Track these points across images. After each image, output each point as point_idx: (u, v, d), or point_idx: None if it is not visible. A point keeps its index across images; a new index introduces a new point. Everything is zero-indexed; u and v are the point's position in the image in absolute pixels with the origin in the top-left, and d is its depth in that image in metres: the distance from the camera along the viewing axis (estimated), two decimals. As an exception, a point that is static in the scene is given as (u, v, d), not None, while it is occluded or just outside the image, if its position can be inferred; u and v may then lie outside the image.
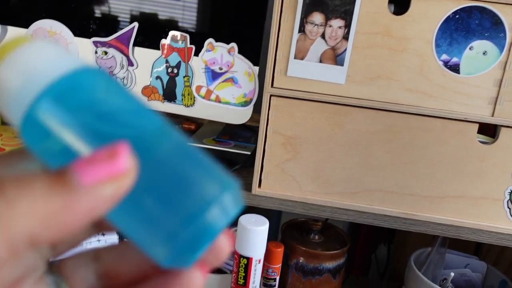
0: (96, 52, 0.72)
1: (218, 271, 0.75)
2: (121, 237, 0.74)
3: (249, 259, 0.63)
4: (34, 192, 0.15)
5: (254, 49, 0.69)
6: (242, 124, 0.73)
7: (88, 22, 0.73)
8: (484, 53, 0.55)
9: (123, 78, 0.73)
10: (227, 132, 0.81)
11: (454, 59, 0.56)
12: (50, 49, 0.19)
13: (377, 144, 0.60)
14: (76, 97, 0.18)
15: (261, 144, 0.61)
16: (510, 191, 0.59)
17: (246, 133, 0.82)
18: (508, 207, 0.60)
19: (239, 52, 0.67)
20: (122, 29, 0.72)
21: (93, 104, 0.18)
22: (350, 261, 0.80)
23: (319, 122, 0.60)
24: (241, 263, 0.64)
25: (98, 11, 0.74)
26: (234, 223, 0.64)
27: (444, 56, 0.56)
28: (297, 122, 0.60)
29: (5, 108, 0.19)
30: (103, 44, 0.72)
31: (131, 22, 0.72)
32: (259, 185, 0.64)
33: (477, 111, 0.57)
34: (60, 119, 0.18)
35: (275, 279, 0.75)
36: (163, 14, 0.72)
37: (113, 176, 0.16)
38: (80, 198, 0.16)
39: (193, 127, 0.84)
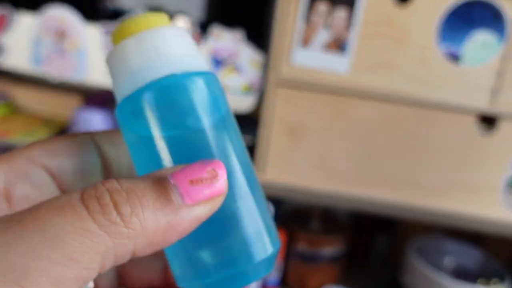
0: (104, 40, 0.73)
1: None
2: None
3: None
4: (144, 211, 0.15)
5: (260, 37, 0.69)
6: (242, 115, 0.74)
7: (97, 10, 0.74)
8: (485, 45, 0.56)
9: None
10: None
11: (456, 50, 0.56)
12: (182, 40, 0.19)
13: (379, 134, 0.61)
14: (188, 99, 0.18)
15: (264, 133, 0.62)
16: (509, 181, 0.60)
17: (247, 123, 0.82)
18: (508, 197, 0.61)
19: (244, 40, 0.68)
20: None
21: (200, 113, 0.18)
22: (349, 249, 0.81)
23: (322, 111, 0.61)
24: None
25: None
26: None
27: (446, 47, 0.56)
28: (300, 111, 0.61)
29: (116, 77, 0.19)
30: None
31: (136, 10, 0.73)
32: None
33: (477, 101, 0.58)
34: (163, 115, 0.18)
35: (275, 265, 0.76)
36: (168, 1, 0.73)
37: (212, 196, 0.16)
38: (183, 218, 0.16)
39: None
